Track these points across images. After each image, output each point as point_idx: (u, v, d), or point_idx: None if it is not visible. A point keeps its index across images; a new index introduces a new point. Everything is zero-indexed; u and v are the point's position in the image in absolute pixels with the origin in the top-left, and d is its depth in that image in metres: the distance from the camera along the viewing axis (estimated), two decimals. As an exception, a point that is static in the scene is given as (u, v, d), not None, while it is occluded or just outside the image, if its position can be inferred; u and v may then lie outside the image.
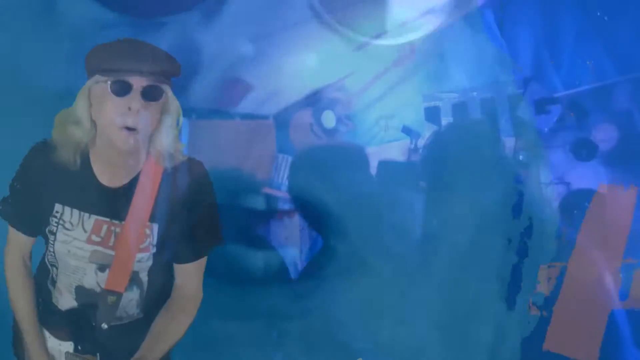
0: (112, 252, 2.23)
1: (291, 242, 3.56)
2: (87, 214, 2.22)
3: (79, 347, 2.29)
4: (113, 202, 2.21)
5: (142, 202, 2.20)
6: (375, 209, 3.33)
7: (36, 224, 2.28)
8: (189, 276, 2.34)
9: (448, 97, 3.60)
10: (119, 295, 2.24)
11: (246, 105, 3.54)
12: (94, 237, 2.22)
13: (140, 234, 2.22)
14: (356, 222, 3.32)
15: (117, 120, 2.09)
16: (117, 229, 2.22)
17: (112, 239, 2.22)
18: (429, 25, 3.43)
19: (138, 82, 2.09)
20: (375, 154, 3.52)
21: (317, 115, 3.52)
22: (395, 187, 3.45)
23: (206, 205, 2.30)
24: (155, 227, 2.24)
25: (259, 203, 3.56)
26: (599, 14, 3.48)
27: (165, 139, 2.19)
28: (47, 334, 2.35)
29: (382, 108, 3.60)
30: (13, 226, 2.31)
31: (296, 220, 3.56)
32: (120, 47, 2.14)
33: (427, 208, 3.33)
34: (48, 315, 2.34)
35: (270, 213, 3.55)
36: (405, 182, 3.47)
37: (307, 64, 3.45)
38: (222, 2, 3.36)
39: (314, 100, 3.53)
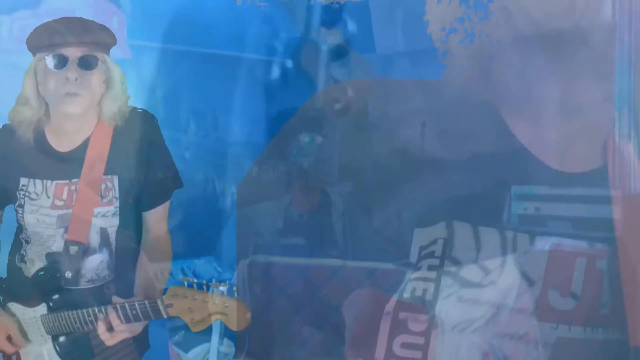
0: None
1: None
2: (49, 181, 2.42)
3: (51, 304, 2.45)
4: (68, 164, 2.42)
5: (95, 155, 2.41)
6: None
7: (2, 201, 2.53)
8: (157, 220, 2.53)
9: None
10: (81, 246, 2.41)
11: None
12: (57, 202, 2.41)
13: (98, 186, 2.41)
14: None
15: (60, 90, 2.35)
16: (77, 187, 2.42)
17: (75, 198, 2.41)
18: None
19: (73, 54, 2.34)
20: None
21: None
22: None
23: (159, 150, 2.50)
24: (116, 179, 2.43)
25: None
26: None
27: (113, 104, 2.42)
28: (21, 307, 2.50)
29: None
30: None
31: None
32: (55, 24, 2.39)
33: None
34: (20, 288, 2.51)
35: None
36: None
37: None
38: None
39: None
